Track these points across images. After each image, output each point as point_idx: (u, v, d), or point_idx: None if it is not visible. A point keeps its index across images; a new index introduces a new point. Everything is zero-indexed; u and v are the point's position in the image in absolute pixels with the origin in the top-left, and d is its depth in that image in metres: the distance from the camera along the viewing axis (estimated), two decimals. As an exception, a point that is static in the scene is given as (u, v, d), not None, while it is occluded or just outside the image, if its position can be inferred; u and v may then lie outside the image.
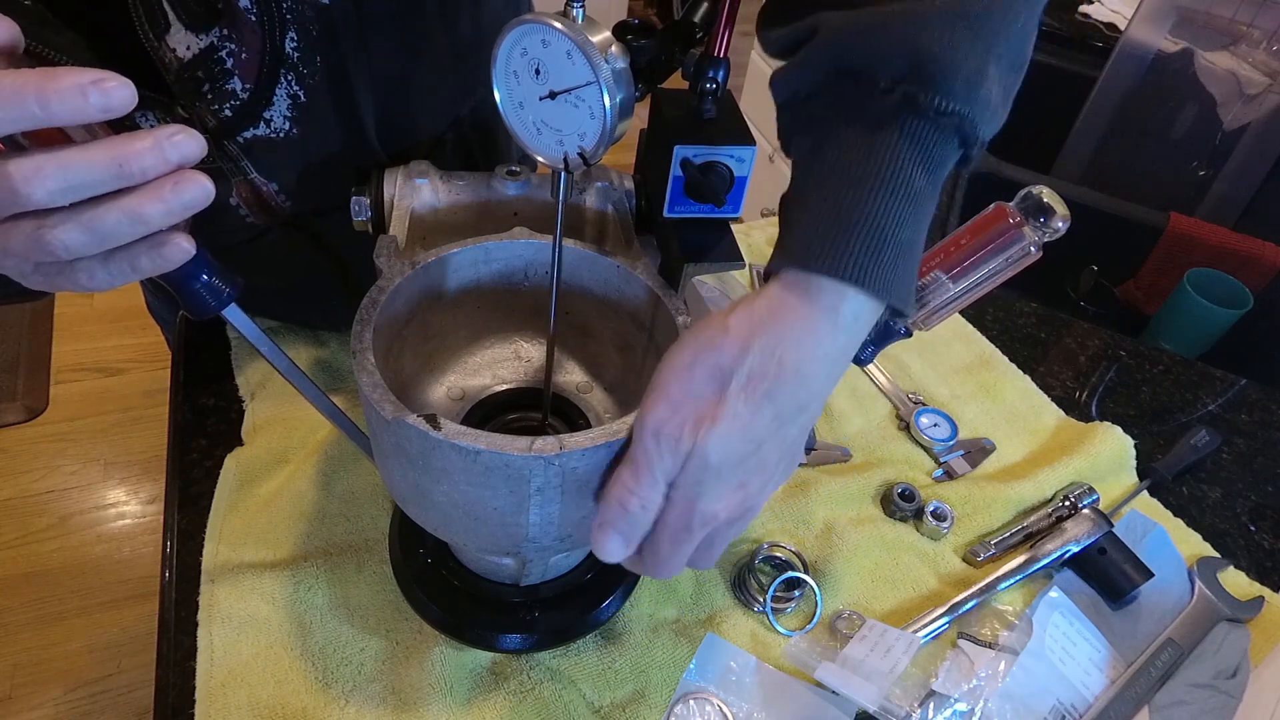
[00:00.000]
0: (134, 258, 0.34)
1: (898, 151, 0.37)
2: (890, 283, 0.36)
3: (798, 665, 0.55)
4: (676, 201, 0.52)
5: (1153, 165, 1.32)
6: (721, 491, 0.37)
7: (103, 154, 0.31)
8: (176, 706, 0.50)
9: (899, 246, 0.36)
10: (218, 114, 0.50)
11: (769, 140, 2.00)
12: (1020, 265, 0.44)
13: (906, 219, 0.37)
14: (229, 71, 0.49)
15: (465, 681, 0.52)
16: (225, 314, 0.40)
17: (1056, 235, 0.42)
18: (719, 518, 0.38)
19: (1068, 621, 0.60)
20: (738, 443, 0.36)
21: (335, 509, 0.60)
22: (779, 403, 0.36)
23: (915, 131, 0.37)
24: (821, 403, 0.39)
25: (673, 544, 0.39)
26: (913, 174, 0.37)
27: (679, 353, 0.38)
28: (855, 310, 0.37)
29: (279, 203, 0.57)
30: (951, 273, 0.45)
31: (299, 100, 0.52)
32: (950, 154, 0.38)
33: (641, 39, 0.41)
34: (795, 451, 0.40)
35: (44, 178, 0.30)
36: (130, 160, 0.31)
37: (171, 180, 0.32)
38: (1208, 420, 0.80)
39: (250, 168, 0.54)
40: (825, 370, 0.37)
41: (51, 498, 1.68)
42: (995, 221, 0.43)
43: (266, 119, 0.52)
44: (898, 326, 0.48)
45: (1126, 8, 1.43)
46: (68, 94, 0.29)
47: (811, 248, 0.36)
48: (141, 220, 0.32)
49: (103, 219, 0.32)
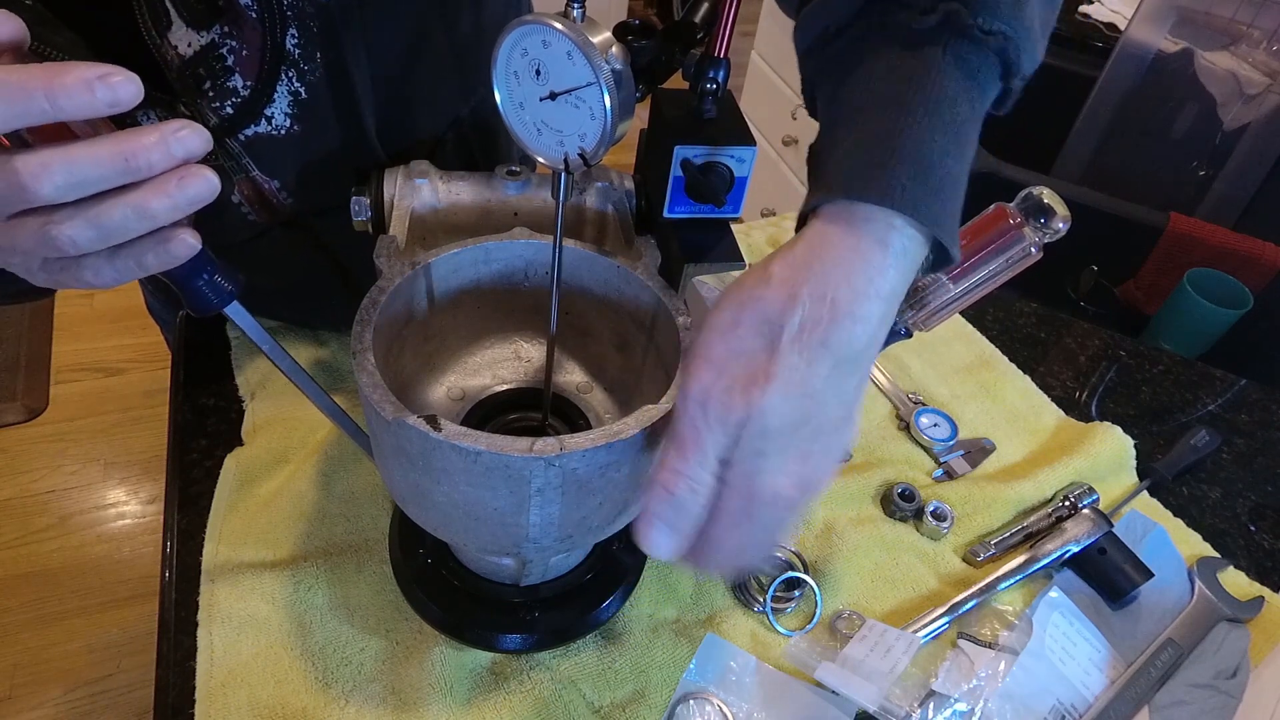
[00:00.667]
0: (140, 254, 0.34)
1: (942, 73, 0.34)
2: (939, 215, 0.33)
3: (798, 665, 0.55)
4: (677, 202, 0.52)
5: (1153, 165, 1.32)
6: (785, 463, 0.33)
7: (109, 149, 0.31)
8: (176, 706, 0.50)
9: (945, 177, 0.34)
10: (219, 111, 0.50)
11: (769, 140, 2.00)
12: (1021, 266, 0.44)
13: (951, 149, 0.34)
14: (230, 69, 0.49)
15: (465, 681, 0.52)
16: (227, 311, 0.40)
17: (1057, 236, 0.42)
18: (784, 494, 0.34)
19: (1068, 621, 0.60)
20: (797, 401, 0.33)
21: (335, 509, 0.60)
22: (837, 350, 0.33)
23: (959, 52, 0.34)
24: (875, 352, 0.35)
25: (732, 530, 0.34)
26: (957, 98, 0.34)
27: (719, 312, 0.34)
28: (904, 243, 0.34)
29: (280, 200, 0.57)
30: (952, 273, 0.45)
31: (300, 97, 0.52)
32: (991, 84, 0.36)
33: (642, 39, 0.41)
34: (854, 410, 0.35)
35: (51, 173, 0.30)
36: (137, 155, 0.31)
37: (177, 175, 0.32)
38: (1208, 420, 0.80)
39: (252, 165, 0.54)
40: (880, 311, 0.34)
41: (51, 498, 1.68)
42: (996, 222, 0.43)
43: (268, 116, 0.52)
44: (898, 327, 0.48)
45: (1126, 8, 1.43)
46: (75, 89, 0.29)
47: (855, 176, 0.34)
48: (147, 215, 0.32)
49: (109, 214, 0.32)
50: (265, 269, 0.60)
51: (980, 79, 0.35)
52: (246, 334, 0.42)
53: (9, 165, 0.30)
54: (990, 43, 0.35)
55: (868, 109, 0.35)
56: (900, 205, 0.33)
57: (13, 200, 0.31)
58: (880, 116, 0.35)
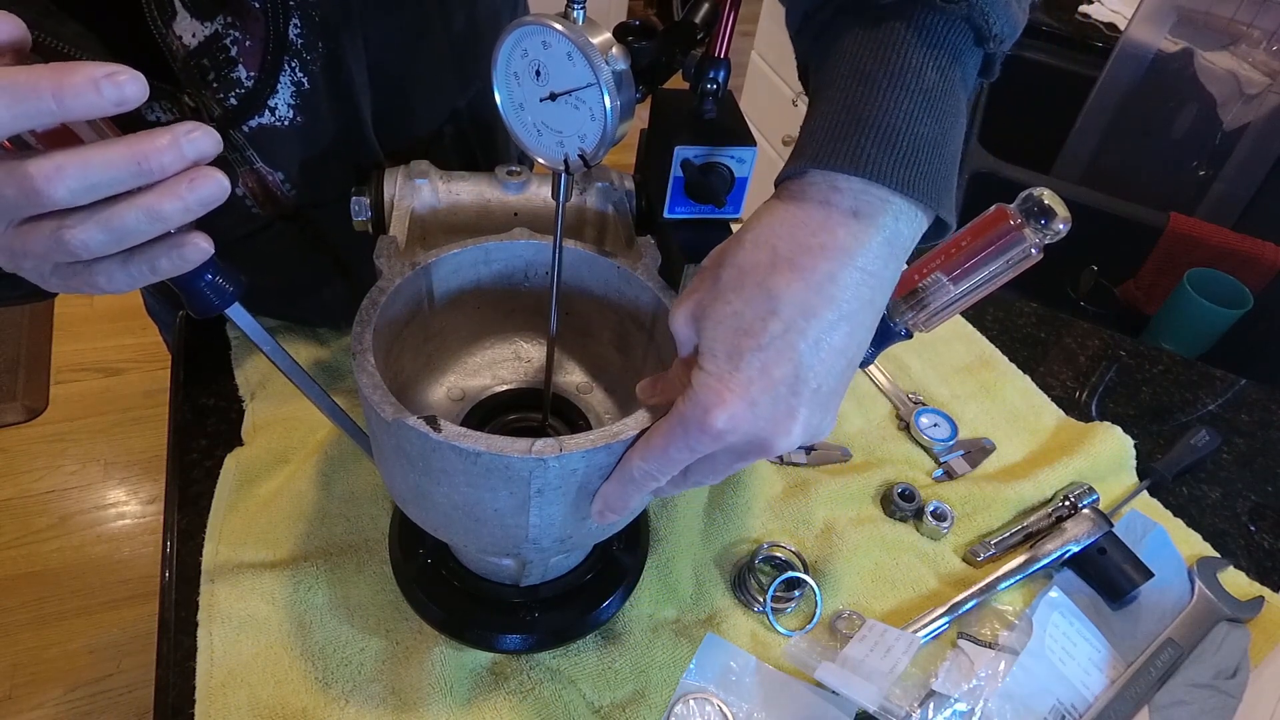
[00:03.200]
0: (154, 259, 0.35)
1: (905, 44, 0.35)
2: (914, 179, 0.34)
3: (798, 665, 0.55)
4: (677, 202, 0.52)
5: (1153, 165, 1.32)
6: (750, 451, 0.37)
7: (122, 152, 0.31)
8: (176, 706, 0.50)
9: (917, 143, 0.34)
10: (223, 103, 0.50)
11: (769, 140, 2.00)
12: (1021, 267, 0.44)
13: (920, 115, 0.34)
14: (234, 60, 0.49)
15: (465, 681, 0.52)
16: (228, 313, 0.40)
17: (1058, 237, 0.42)
18: (734, 468, 0.38)
19: (1068, 621, 0.60)
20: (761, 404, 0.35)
21: (335, 509, 0.60)
22: (779, 296, 0.34)
23: (922, 22, 0.35)
24: (846, 323, 0.35)
25: (681, 485, 0.40)
26: (924, 67, 0.35)
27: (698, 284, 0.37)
28: (876, 210, 0.34)
29: (284, 193, 0.58)
30: (952, 275, 0.45)
31: (303, 88, 0.52)
32: (965, 49, 0.37)
33: (642, 40, 0.41)
34: (839, 359, 0.35)
35: (65, 176, 0.30)
36: (150, 158, 0.31)
37: (187, 177, 0.32)
38: (1208, 420, 0.80)
39: (256, 157, 0.54)
40: (840, 274, 0.34)
41: (51, 498, 1.68)
42: (996, 223, 0.43)
43: (271, 107, 0.52)
44: (898, 328, 0.48)
45: (1126, 8, 1.43)
46: (81, 88, 0.29)
47: (823, 147, 0.34)
48: (160, 218, 0.32)
49: (121, 217, 0.32)
50: (265, 264, 0.61)
51: (950, 46, 0.36)
52: (247, 335, 0.42)
53: (21, 169, 0.30)
54: (954, 10, 0.35)
55: (836, 83, 0.36)
56: (867, 171, 0.34)
57: (25, 204, 0.31)
58: (845, 90, 0.35)
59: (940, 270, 0.45)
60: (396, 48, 0.57)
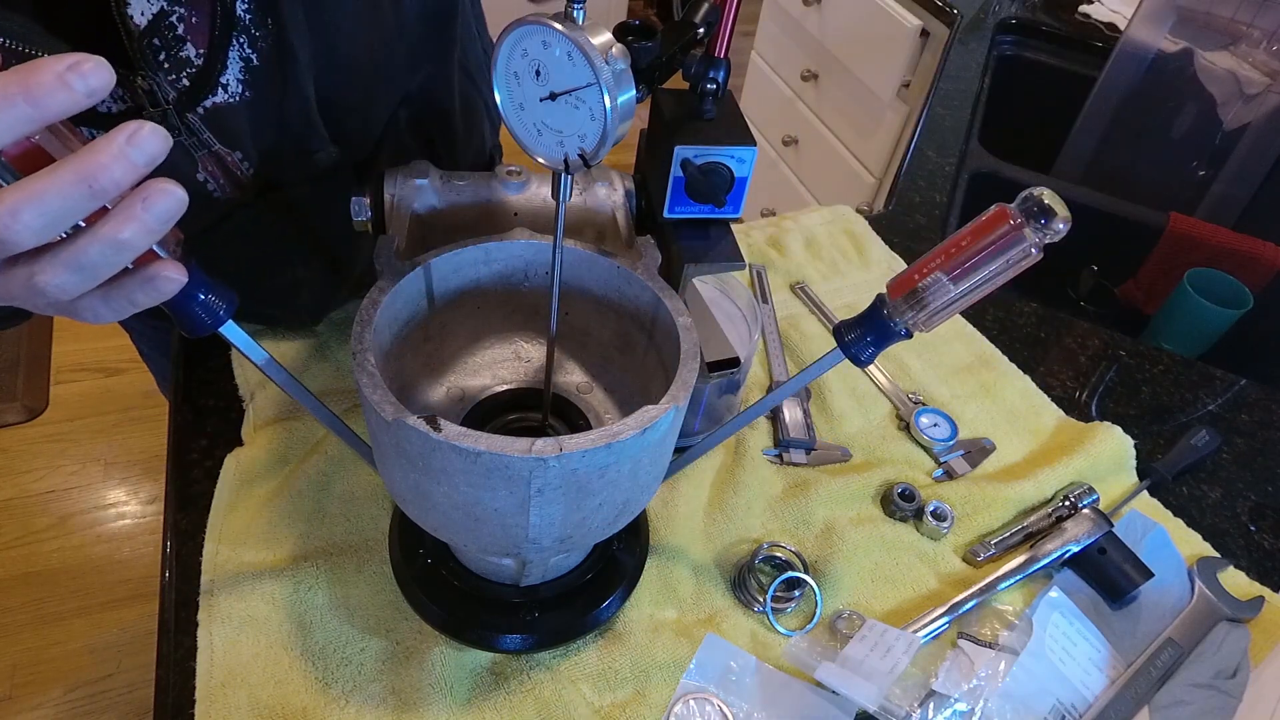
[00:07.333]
0: (130, 293, 0.34)
1: None
2: None
3: (798, 665, 0.55)
4: (677, 202, 0.52)
5: (1153, 165, 1.32)
6: None
7: (70, 176, 0.29)
8: (176, 706, 0.50)
9: None
10: (176, 84, 0.50)
11: (769, 140, 2.00)
12: (1021, 267, 0.44)
13: None
14: (181, 38, 0.49)
15: (465, 681, 0.52)
16: (222, 331, 0.40)
17: (1058, 237, 0.42)
18: None
19: (1068, 621, 0.60)
20: None
21: (335, 509, 0.60)
22: None
23: None
24: None
25: None
26: None
27: None
28: None
29: (244, 171, 0.58)
30: (952, 274, 0.45)
31: (251, 63, 0.52)
32: None
33: (642, 40, 0.41)
34: None
35: (19, 217, 0.28)
36: (98, 176, 0.29)
37: (140, 196, 0.31)
38: (1208, 420, 0.80)
39: (214, 140, 0.54)
40: None
41: (51, 498, 1.68)
42: (996, 223, 0.43)
43: (223, 84, 0.52)
44: (898, 328, 0.48)
45: (1126, 8, 1.43)
46: (50, 86, 0.27)
47: None
48: (123, 246, 0.31)
49: (85, 253, 0.31)
50: (240, 252, 0.60)
51: None
52: (242, 351, 0.42)
53: None
54: None
55: None
56: None
57: None
58: None
59: (940, 270, 0.45)
60: (345, 29, 0.57)
